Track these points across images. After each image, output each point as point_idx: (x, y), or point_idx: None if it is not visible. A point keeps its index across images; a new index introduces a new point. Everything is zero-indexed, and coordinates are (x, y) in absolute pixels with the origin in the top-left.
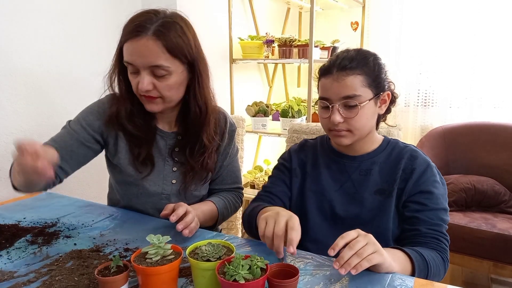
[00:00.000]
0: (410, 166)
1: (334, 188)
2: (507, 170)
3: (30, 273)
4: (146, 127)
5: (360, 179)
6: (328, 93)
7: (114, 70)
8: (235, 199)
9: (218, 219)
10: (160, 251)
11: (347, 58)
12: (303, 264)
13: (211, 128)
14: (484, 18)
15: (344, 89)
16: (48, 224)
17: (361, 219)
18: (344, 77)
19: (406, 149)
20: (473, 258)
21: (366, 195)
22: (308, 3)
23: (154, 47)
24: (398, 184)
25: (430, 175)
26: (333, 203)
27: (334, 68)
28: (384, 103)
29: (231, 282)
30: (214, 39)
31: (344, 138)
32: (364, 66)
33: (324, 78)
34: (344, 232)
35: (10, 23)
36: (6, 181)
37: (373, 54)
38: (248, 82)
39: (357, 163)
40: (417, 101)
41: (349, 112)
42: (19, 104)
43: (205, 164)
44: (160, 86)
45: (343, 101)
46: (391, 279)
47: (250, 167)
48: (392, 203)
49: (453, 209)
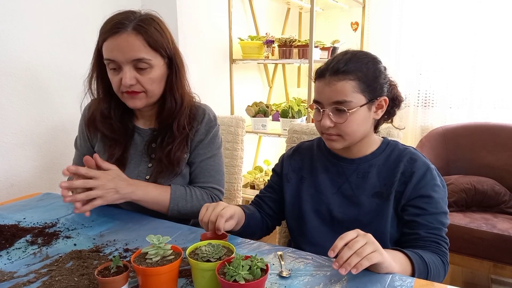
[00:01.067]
0: (409, 169)
1: (332, 190)
2: (507, 170)
3: (30, 274)
4: (122, 128)
5: (358, 182)
6: (320, 96)
7: (92, 72)
8: (203, 195)
9: (170, 206)
10: (160, 251)
11: (342, 61)
12: (303, 264)
13: (183, 119)
14: (484, 18)
15: (334, 94)
16: (48, 225)
17: (359, 222)
18: (336, 82)
19: (405, 152)
20: (473, 258)
21: (364, 198)
22: (308, 3)
23: (135, 41)
24: (396, 187)
25: (430, 179)
26: (330, 206)
27: (328, 71)
28: (381, 108)
29: (231, 282)
30: (214, 39)
31: (335, 143)
32: (359, 71)
33: (318, 81)
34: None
35: (10, 23)
36: (6, 181)
37: (372, 58)
38: (248, 82)
39: (355, 166)
40: (417, 101)
41: (338, 118)
42: (19, 104)
43: (172, 155)
44: (143, 80)
45: (334, 106)
46: (391, 280)
47: (250, 168)
48: (390, 206)
49: (453, 209)
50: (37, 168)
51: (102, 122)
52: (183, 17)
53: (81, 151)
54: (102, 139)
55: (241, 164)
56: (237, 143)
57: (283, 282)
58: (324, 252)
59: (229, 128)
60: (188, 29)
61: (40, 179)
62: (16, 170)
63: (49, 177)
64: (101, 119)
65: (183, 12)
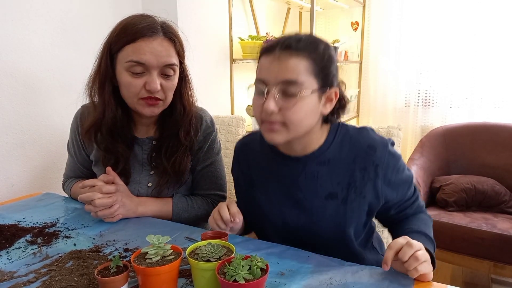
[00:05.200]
0: (371, 164)
1: (281, 197)
2: (508, 170)
3: (29, 273)
4: (123, 140)
5: (307, 183)
6: (265, 73)
7: (99, 75)
8: (204, 205)
9: (173, 219)
10: (160, 251)
11: (295, 38)
12: (303, 264)
13: (188, 127)
14: (484, 18)
15: (284, 71)
16: (47, 224)
17: (314, 230)
18: (287, 58)
19: (360, 139)
20: (473, 258)
21: (316, 201)
22: (309, 3)
23: (169, 46)
24: (360, 188)
25: (394, 162)
26: (282, 215)
27: (278, 46)
28: (330, 102)
29: (231, 282)
30: (214, 39)
31: (275, 134)
32: (312, 51)
33: (265, 56)
34: (302, 243)
35: (10, 23)
36: (6, 181)
37: (325, 43)
38: (248, 82)
39: (301, 166)
40: (417, 101)
41: (286, 102)
42: (19, 104)
43: (178, 164)
44: (166, 86)
45: (282, 86)
46: (392, 280)
47: None
48: (347, 209)
49: (454, 209)
50: (37, 168)
51: (105, 136)
52: (183, 17)
53: (77, 160)
54: (101, 151)
55: None
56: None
57: (283, 281)
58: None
59: (229, 128)
60: (188, 29)
61: (40, 179)
62: (16, 170)
63: (49, 177)
64: (108, 130)
65: (183, 12)
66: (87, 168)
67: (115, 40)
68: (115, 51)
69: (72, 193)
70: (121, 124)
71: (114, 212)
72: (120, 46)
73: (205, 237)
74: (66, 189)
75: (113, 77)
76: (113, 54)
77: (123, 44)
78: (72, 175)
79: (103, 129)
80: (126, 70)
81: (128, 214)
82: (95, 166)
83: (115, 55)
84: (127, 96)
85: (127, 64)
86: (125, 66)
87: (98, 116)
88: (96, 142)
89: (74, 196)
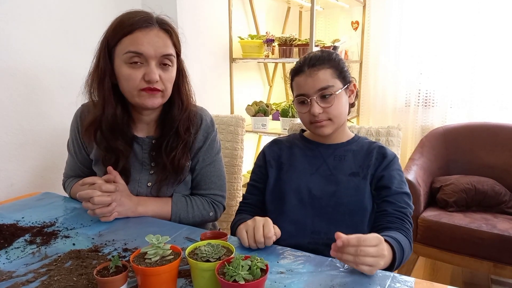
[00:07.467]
0: (381, 155)
1: (310, 171)
2: (507, 170)
3: (28, 273)
4: (124, 137)
5: (335, 163)
6: (303, 89)
7: (101, 72)
8: (204, 205)
9: (172, 219)
10: (159, 251)
11: (314, 56)
12: (303, 264)
13: (187, 121)
14: (484, 18)
15: (318, 82)
16: (46, 224)
17: (337, 198)
18: (316, 72)
19: (374, 144)
20: (473, 259)
21: (341, 176)
22: (309, 2)
23: (165, 37)
24: (371, 170)
25: (397, 165)
26: (309, 185)
27: (305, 66)
28: (352, 93)
29: (230, 282)
30: (214, 38)
31: (325, 128)
32: (330, 61)
33: (298, 76)
34: (322, 212)
35: (11, 23)
36: (5, 181)
37: (334, 52)
38: (248, 81)
39: (332, 150)
40: (417, 101)
41: (326, 103)
42: (20, 104)
43: (177, 160)
44: (165, 77)
45: (319, 93)
46: (392, 281)
47: (250, 167)
48: (367, 185)
49: (454, 209)
50: (37, 167)
51: (105, 134)
52: (183, 16)
53: (77, 159)
54: (101, 151)
55: (241, 163)
56: (237, 142)
57: (283, 281)
58: (303, 230)
59: (229, 128)
60: (188, 28)
61: (40, 179)
62: (16, 170)
63: (49, 177)
64: (109, 128)
65: (183, 11)
66: (87, 167)
67: (112, 35)
68: (113, 45)
69: (72, 192)
70: (121, 122)
71: (112, 211)
72: (117, 39)
73: (205, 237)
74: (67, 188)
75: (112, 73)
76: (111, 49)
77: (121, 37)
78: (72, 174)
79: (103, 127)
80: (125, 62)
81: (127, 213)
82: (95, 165)
83: (113, 50)
84: (127, 90)
85: (126, 55)
86: (123, 58)
87: (98, 113)
88: (96, 141)
89: (74, 196)
